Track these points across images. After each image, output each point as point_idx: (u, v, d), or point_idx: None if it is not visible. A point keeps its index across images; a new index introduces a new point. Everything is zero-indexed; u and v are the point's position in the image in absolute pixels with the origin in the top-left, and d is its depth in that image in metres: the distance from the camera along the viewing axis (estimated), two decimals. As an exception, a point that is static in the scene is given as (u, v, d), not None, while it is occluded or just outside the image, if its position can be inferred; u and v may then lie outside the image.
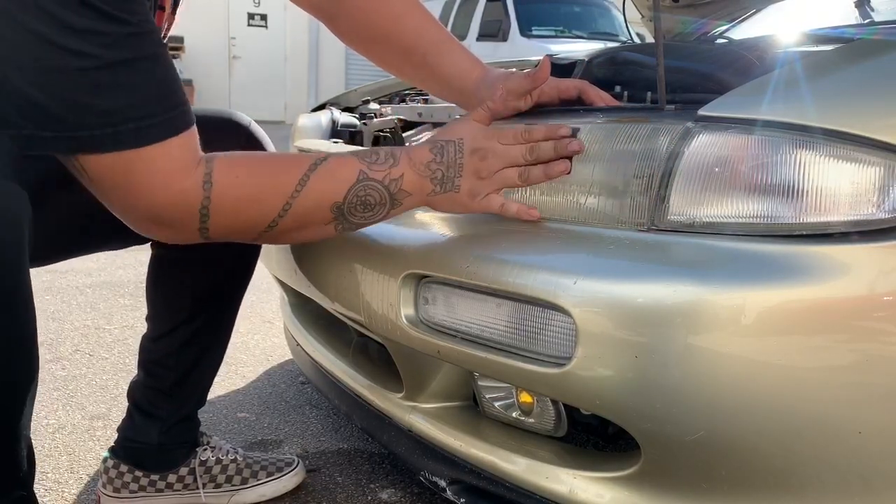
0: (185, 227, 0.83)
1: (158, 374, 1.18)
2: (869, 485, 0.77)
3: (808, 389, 0.75)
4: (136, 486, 1.19)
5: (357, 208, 0.87)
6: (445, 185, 0.90)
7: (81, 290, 2.52)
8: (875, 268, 0.74)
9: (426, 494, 1.28)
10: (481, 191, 0.91)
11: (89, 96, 0.74)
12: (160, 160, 0.78)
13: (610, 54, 1.27)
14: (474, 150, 0.91)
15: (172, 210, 0.81)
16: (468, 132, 0.92)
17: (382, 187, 0.87)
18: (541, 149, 0.90)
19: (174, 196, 0.80)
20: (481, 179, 0.91)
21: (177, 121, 0.79)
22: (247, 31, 13.11)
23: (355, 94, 1.83)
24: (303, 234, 0.90)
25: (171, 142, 0.78)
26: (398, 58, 1.12)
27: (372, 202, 0.87)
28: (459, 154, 0.91)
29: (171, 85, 0.79)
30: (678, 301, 0.75)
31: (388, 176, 0.87)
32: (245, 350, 2.01)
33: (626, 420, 0.82)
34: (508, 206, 0.92)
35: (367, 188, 0.86)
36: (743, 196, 0.79)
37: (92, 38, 0.72)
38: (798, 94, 0.82)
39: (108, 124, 0.75)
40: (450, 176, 0.90)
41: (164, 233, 0.85)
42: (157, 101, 0.78)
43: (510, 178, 0.91)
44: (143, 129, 0.76)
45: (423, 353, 0.98)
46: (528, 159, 0.90)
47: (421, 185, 0.89)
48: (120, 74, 0.75)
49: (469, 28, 9.24)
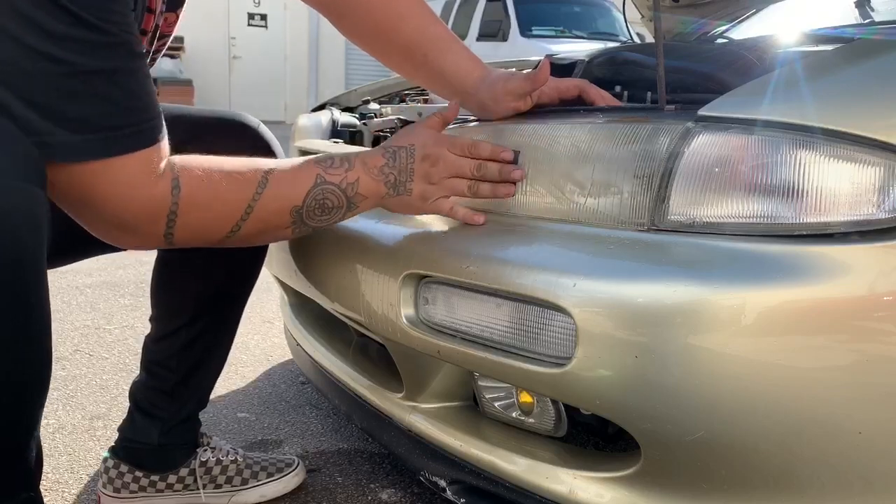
0: (151, 233, 0.84)
1: (160, 375, 1.18)
2: (869, 485, 0.77)
3: (808, 389, 0.75)
4: (137, 486, 1.19)
5: (315, 211, 0.90)
6: (398, 188, 0.94)
7: (81, 290, 2.52)
8: (875, 268, 0.74)
9: (426, 494, 1.28)
10: (432, 195, 0.95)
11: (62, 102, 0.73)
12: (128, 169, 0.78)
13: (610, 54, 1.27)
14: (425, 157, 0.94)
15: (139, 216, 0.82)
16: (419, 139, 0.96)
17: (339, 190, 0.90)
18: (487, 169, 0.95)
19: (142, 203, 0.81)
20: (431, 184, 0.95)
21: (147, 133, 0.80)
22: (247, 31, 13.11)
23: (355, 94, 1.83)
24: (265, 237, 0.92)
25: (140, 154, 0.79)
26: (399, 55, 1.12)
27: (329, 205, 0.90)
28: (411, 159, 0.94)
29: (144, 97, 0.80)
30: (678, 301, 0.75)
31: (344, 179, 0.90)
32: (245, 350, 2.01)
33: (626, 420, 0.82)
34: (456, 210, 0.97)
35: (324, 192, 0.89)
36: (743, 196, 0.79)
37: (69, 45, 0.72)
38: (798, 94, 0.82)
39: (77, 131, 0.74)
40: (402, 180, 0.94)
41: (128, 239, 0.85)
42: (130, 112, 0.78)
43: (459, 187, 0.96)
44: (111, 140, 0.77)
45: (423, 353, 0.98)
46: (476, 175, 0.95)
47: (375, 188, 0.93)
48: (94, 83, 0.75)
49: (469, 28, 9.24)
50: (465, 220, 0.97)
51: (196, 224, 0.85)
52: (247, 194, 0.86)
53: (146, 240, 0.86)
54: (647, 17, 2.22)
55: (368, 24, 1.11)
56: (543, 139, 0.94)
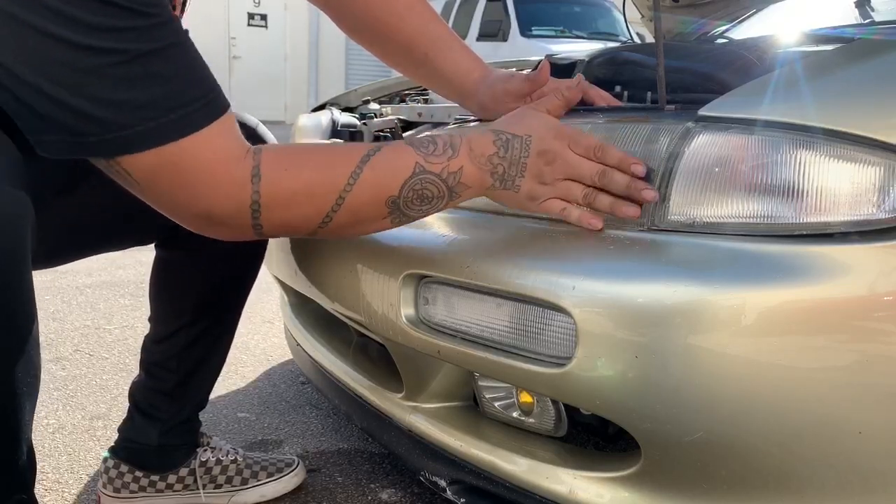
0: (239, 223, 0.80)
1: (160, 376, 1.18)
2: (869, 485, 0.77)
3: (808, 390, 0.75)
4: (137, 486, 1.19)
5: (413, 202, 0.83)
6: (506, 182, 0.86)
7: (81, 290, 2.52)
8: (875, 268, 0.74)
9: (426, 494, 1.28)
10: (542, 196, 0.87)
11: (124, 92, 0.71)
12: (205, 150, 0.76)
13: (610, 54, 1.27)
14: (542, 152, 0.85)
15: (222, 206, 0.78)
16: (538, 129, 0.86)
17: (440, 181, 0.83)
18: (613, 180, 0.84)
19: (223, 189, 0.77)
20: (543, 185, 0.86)
21: (214, 104, 0.77)
22: (247, 31, 13.11)
23: (355, 94, 1.83)
24: (359, 228, 0.86)
25: (213, 127, 0.76)
26: (400, 54, 1.13)
27: (429, 195, 0.83)
28: (525, 153, 0.85)
29: (202, 70, 0.78)
30: (678, 301, 0.75)
31: (446, 168, 0.83)
32: (245, 350, 2.01)
33: (626, 420, 0.82)
34: (570, 212, 0.87)
35: (423, 182, 0.82)
36: (743, 196, 0.79)
37: (116, 35, 0.70)
38: (798, 94, 0.82)
39: (149, 118, 0.72)
40: (511, 174, 0.85)
41: (218, 231, 0.82)
42: (193, 86, 0.76)
43: (574, 193, 0.86)
44: (185, 117, 0.74)
45: (423, 354, 0.98)
46: (596, 182, 0.85)
47: (480, 178, 0.85)
48: (151, 65, 0.73)
49: (469, 28, 9.24)
50: (581, 223, 0.86)
51: (283, 216, 0.81)
52: (338, 183, 0.80)
53: (237, 232, 0.81)
54: (647, 17, 2.22)
55: (369, 23, 1.11)
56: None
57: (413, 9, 1.09)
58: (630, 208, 0.84)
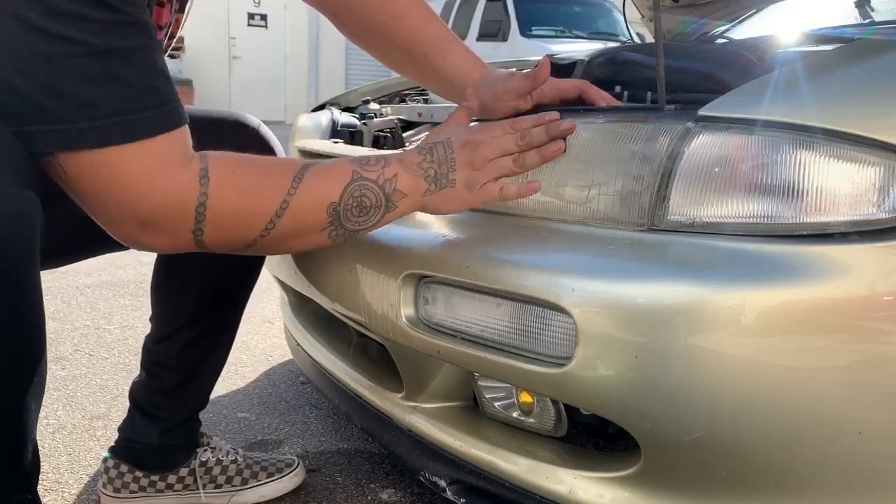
0: (178, 229, 0.79)
1: (160, 376, 1.18)
2: (869, 485, 0.77)
3: (808, 390, 0.75)
4: (137, 486, 1.19)
5: (353, 211, 0.85)
6: (440, 181, 0.89)
7: (81, 290, 2.52)
8: (875, 268, 0.74)
9: (426, 494, 1.28)
10: (478, 181, 0.90)
11: (76, 86, 0.70)
12: (148, 157, 0.74)
13: (610, 54, 1.27)
14: (464, 144, 0.90)
15: (164, 209, 0.77)
16: (452, 131, 0.92)
17: (377, 187, 0.86)
18: (532, 134, 0.90)
19: (166, 192, 0.76)
20: (476, 170, 0.90)
21: (168, 117, 0.76)
22: (247, 31, 13.11)
23: (355, 94, 1.83)
24: (295, 241, 0.87)
25: (160, 138, 0.75)
26: (400, 55, 1.12)
27: (367, 203, 0.85)
28: (450, 150, 0.90)
29: (162, 80, 0.76)
30: (678, 301, 0.75)
31: (381, 176, 0.86)
32: (245, 350, 2.01)
33: (626, 420, 0.82)
34: (507, 189, 0.91)
35: (361, 188, 0.85)
36: (743, 196, 0.79)
37: (82, 25, 0.69)
38: (798, 94, 0.82)
39: (94, 117, 0.71)
40: (443, 172, 0.89)
41: (153, 239, 0.80)
42: (148, 94, 0.74)
43: (505, 165, 0.90)
44: (131, 124, 0.73)
45: (423, 353, 0.98)
46: (521, 145, 0.90)
47: (415, 184, 0.88)
48: (109, 64, 0.71)
49: (469, 28, 9.23)
50: (521, 195, 0.91)
51: (227, 220, 0.80)
52: (282, 188, 0.82)
53: (173, 239, 0.80)
54: (647, 17, 2.22)
55: (368, 24, 1.11)
56: (543, 139, 0.94)
57: (412, 10, 1.09)
58: (554, 146, 0.90)
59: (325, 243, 0.88)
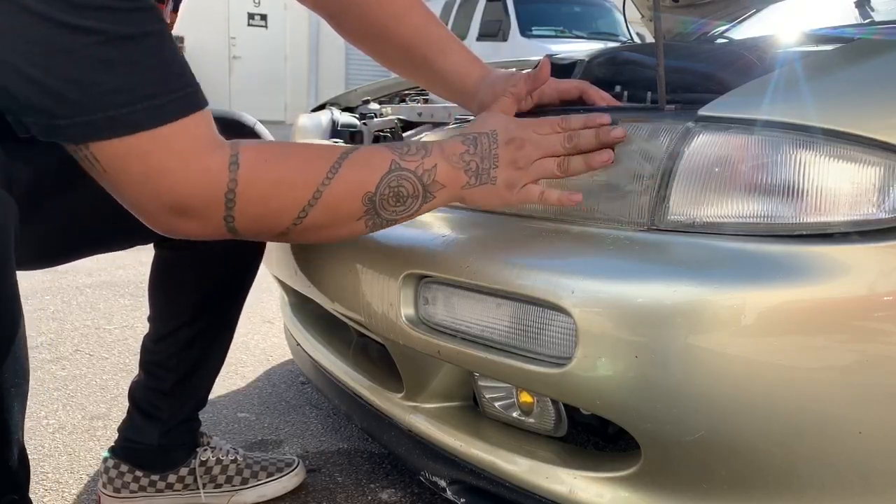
0: (210, 215, 0.78)
1: (159, 376, 1.18)
2: (869, 485, 0.77)
3: (808, 389, 0.75)
4: (137, 486, 1.19)
5: (389, 201, 0.83)
6: (481, 176, 0.86)
7: (81, 290, 2.52)
8: (875, 268, 0.74)
9: (426, 494, 1.28)
10: (519, 181, 0.87)
11: (99, 74, 0.70)
12: (179, 140, 0.74)
13: (610, 54, 1.27)
14: (510, 140, 0.87)
15: (196, 194, 0.76)
16: (500, 123, 0.89)
17: (415, 178, 0.83)
18: (581, 137, 0.87)
19: (197, 176, 0.76)
20: (519, 170, 0.87)
21: (192, 98, 0.76)
22: (247, 31, 13.10)
23: (355, 94, 1.83)
24: (332, 230, 0.85)
25: (188, 120, 0.75)
26: (399, 56, 1.12)
27: (405, 193, 0.83)
28: (494, 144, 0.87)
29: (181, 64, 0.76)
30: (678, 301, 0.75)
31: (420, 166, 0.83)
32: (245, 350, 2.01)
33: (626, 420, 0.82)
34: (549, 194, 0.88)
35: (399, 178, 0.82)
36: (743, 196, 0.79)
37: (96, 14, 0.69)
38: (798, 94, 0.82)
39: (122, 104, 0.71)
40: (485, 167, 0.86)
41: (186, 225, 0.79)
42: (170, 78, 0.75)
43: (548, 168, 0.88)
44: (158, 107, 0.73)
45: (423, 353, 0.98)
46: (567, 148, 0.87)
47: (455, 176, 0.85)
48: (128, 50, 0.71)
49: (469, 28, 9.23)
50: (562, 203, 0.88)
51: (258, 208, 0.79)
52: (316, 176, 0.80)
53: (206, 225, 0.79)
54: (647, 17, 2.22)
55: (366, 26, 1.11)
56: (543, 139, 0.94)
57: (411, 11, 1.09)
58: (602, 155, 0.86)
59: (363, 232, 0.86)
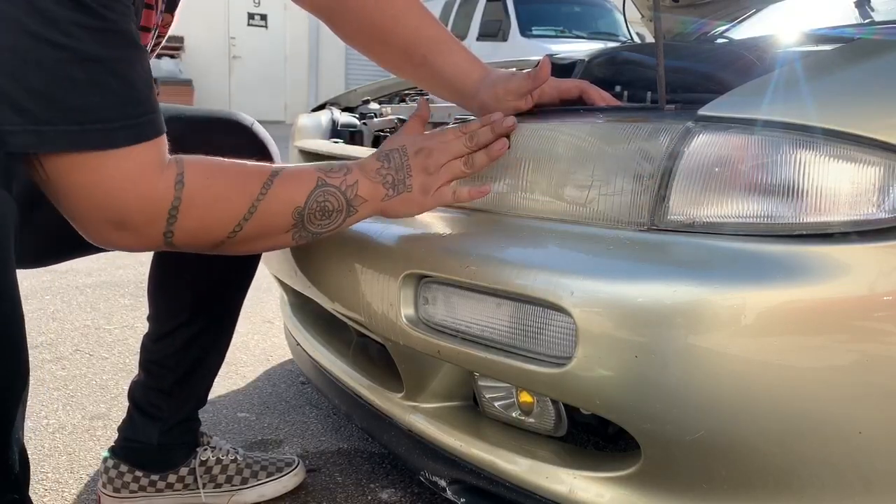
0: (150, 230, 0.82)
1: (159, 374, 1.18)
2: (869, 485, 0.77)
3: (808, 389, 0.75)
4: (136, 486, 1.19)
5: (316, 214, 0.90)
6: (397, 187, 0.94)
7: (81, 290, 2.52)
8: (875, 268, 0.74)
9: (426, 494, 1.28)
10: (432, 185, 0.95)
11: (61, 90, 0.72)
12: (128, 164, 0.77)
13: (610, 54, 1.27)
14: (418, 151, 0.95)
15: (140, 211, 0.80)
16: (407, 139, 0.97)
17: (340, 193, 0.91)
18: (479, 134, 0.96)
19: (143, 197, 0.79)
20: (430, 175, 0.95)
21: (147, 126, 0.79)
22: (247, 31, 13.11)
23: (355, 94, 1.83)
24: (262, 242, 0.91)
25: (139, 147, 0.78)
26: (398, 57, 1.12)
27: (330, 208, 0.90)
28: (405, 157, 0.95)
29: (145, 90, 0.79)
30: (678, 301, 0.75)
31: (344, 182, 0.91)
32: (245, 350, 2.01)
33: (626, 420, 0.82)
34: (460, 192, 0.96)
35: (325, 193, 0.90)
36: (743, 196, 0.79)
37: (72, 31, 0.71)
38: (798, 94, 0.82)
39: (75, 122, 0.73)
40: (400, 178, 0.94)
41: (124, 238, 0.82)
42: (129, 103, 0.77)
43: (456, 168, 0.96)
44: (111, 131, 0.75)
45: (423, 353, 0.98)
46: (470, 146, 0.95)
47: (375, 190, 0.93)
48: (94, 71, 0.74)
49: (469, 28, 9.23)
50: (473, 197, 0.96)
51: (197, 223, 0.84)
52: (252, 193, 0.86)
53: (144, 239, 0.83)
54: (647, 17, 2.22)
55: (365, 27, 1.11)
56: (544, 139, 0.94)
57: (409, 11, 1.09)
58: (497, 144, 0.95)
59: (289, 244, 0.93)
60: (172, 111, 1.09)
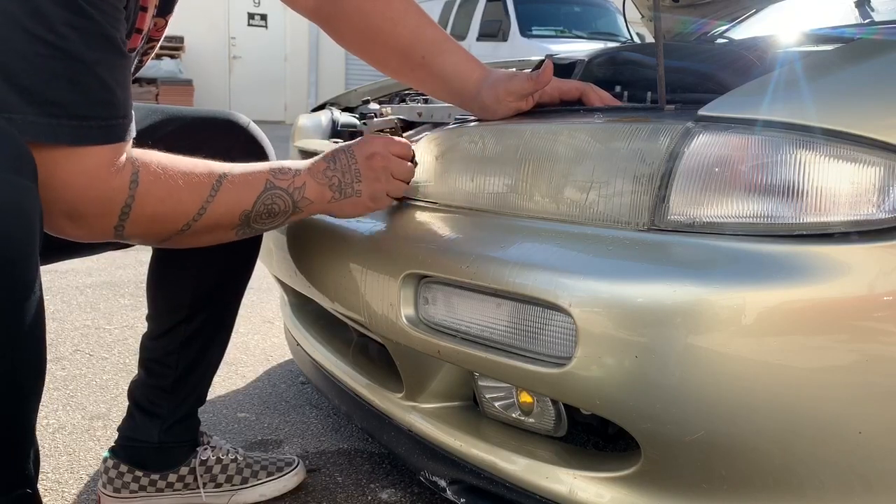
0: (102, 224, 0.84)
1: (159, 373, 1.18)
2: (869, 485, 0.77)
3: (808, 389, 0.75)
4: (137, 485, 1.19)
5: (262, 216, 0.93)
6: (344, 190, 0.98)
7: (81, 290, 2.52)
8: (875, 268, 0.74)
9: (426, 494, 1.28)
10: (380, 193, 1.00)
11: (42, 84, 0.74)
12: (91, 162, 0.79)
13: (610, 54, 1.27)
14: (370, 155, 0.99)
15: (94, 205, 0.82)
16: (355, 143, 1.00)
17: (287, 195, 0.94)
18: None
19: (99, 194, 0.81)
20: (379, 182, 0.99)
21: (117, 129, 0.81)
22: (247, 31, 13.10)
23: (355, 94, 1.83)
24: (208, 237, 0.93)
25: (106, 148, 0.80)
26: (397, 59, 1.12)
27: (276, 210, 0.94)
28: (352, 160, 0.98)
29: (121, 95, 0.81)
30: (678, 301, 0.75)
31: (292, 184, 0.94)
32: (245, 350, 2.01)
33: (626, 420, 0.82)
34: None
35: (273, 196, 0.93)
36: (743, 196, 0.79)
37: (58, 28, 0.73)
38: (798, 94, 0.82)
39: (48, 115, 0.75)
40: (347, 181, 0.98)
41: (76, 230, 0.84)
42: (103, 106, 0.79)
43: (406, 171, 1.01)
44: (82, 130, 0.77)
45: (423, 353, 0.98)
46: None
47: (321, 192, 0.96)
48: (76, 71, 0.76)
49: (469, 28, 9.23)
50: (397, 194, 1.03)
51: (148, 220, 0.86)
52: (201, 197, 0.88)
53: (95, 231, 0.85)
54: (647, 17, 2.22)
55: (363, 31, 1.11)
56: (544, 139, 0.94)
57: (408, 13, 1.09)
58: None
59: (232, 238, 0.96)
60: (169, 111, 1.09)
